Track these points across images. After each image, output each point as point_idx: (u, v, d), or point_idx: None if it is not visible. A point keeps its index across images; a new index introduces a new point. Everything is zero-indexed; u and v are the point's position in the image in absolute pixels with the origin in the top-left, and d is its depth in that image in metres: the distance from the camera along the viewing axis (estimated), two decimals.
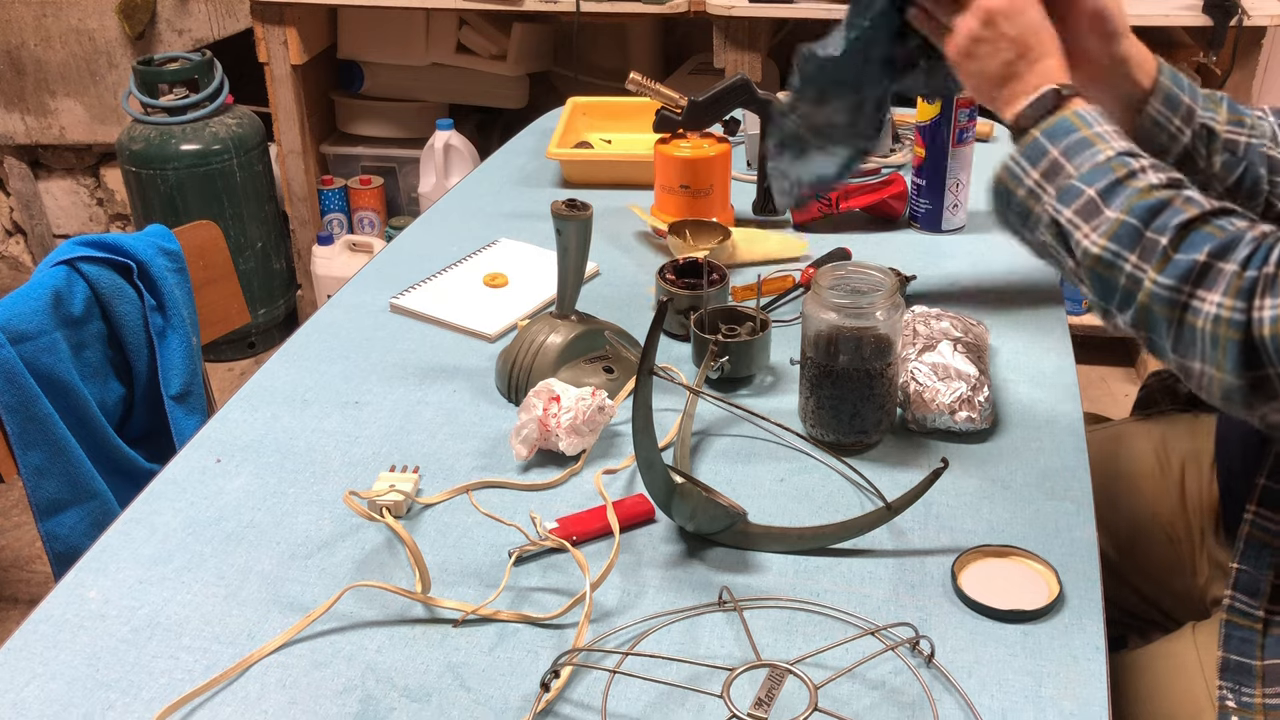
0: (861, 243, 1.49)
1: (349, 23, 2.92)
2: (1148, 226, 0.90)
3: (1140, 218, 0.90)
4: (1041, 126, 0.99)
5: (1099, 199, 0.93)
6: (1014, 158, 1.00)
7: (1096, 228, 0.93)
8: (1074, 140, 0.96)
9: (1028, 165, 0.99)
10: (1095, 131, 0.96)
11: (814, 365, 1.08)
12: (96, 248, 1.40)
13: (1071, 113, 0.98)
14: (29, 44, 3.07)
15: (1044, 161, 0.97)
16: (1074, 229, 0.94)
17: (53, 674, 0.85)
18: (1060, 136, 0.97)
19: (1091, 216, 0.93)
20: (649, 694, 0.83)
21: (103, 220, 3.43)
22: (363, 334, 1.31)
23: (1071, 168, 0.96)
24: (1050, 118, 0.99)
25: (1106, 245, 0.92)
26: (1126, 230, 0.91)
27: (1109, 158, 0.94)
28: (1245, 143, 1.15)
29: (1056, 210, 0.95)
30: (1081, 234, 0.93)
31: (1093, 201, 0.93)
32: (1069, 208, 0.95)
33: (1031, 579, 0.93)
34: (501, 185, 1.72)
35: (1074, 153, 0.96)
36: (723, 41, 2.48)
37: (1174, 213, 0.89)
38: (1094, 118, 0.98)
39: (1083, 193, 0.94)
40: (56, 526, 1.32)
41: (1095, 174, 0.94)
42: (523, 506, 1.03)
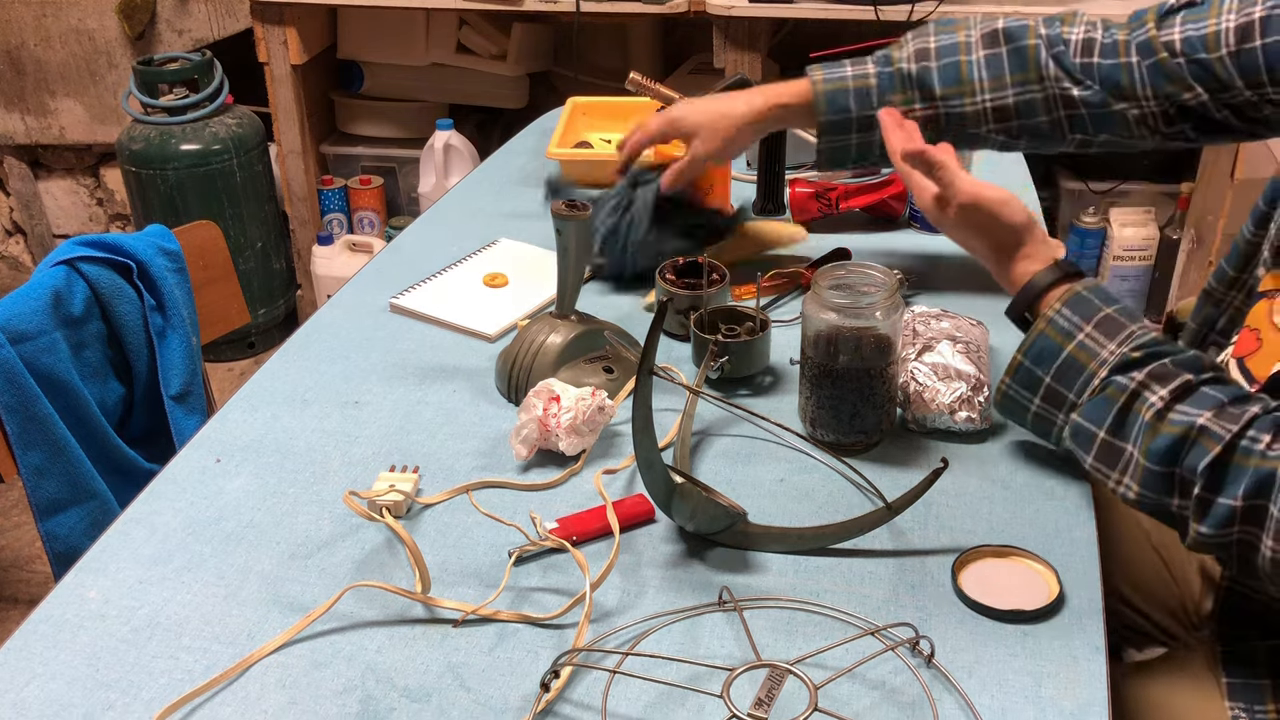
0: (861, 243, 1.49)
1: (349, 23, 2.92)
2: (1176, 466, 0.88)
3: (1161, 461, 0.89)
4: (1022, 348, 0.99)
5: (1113, 440, 0.93)
6: (1009, 384, 1.01)
7: (1125, 472, 0.92)
8: (1062, 363, 0.97)
9: (1025, 391, 1.00)
10: (1079, 342, 0.96)
11: (814, 365, 1.08)
12: (96, 248, 1.39)
13: (1048, 324, 0.98)
14: (29, 44, 3.07)
15: (1041, 389, 0.99)
16: (1104, 478, 0.94)
17: (53, 674, 0.85)
18: (1047, 360, 0.98)
19: (1114, 463, 0.93)
20: (649, 694, 0.83)
21: (103, 220, 3.43)
22: (363, 334, 1.31)
23: (1072, 395, 0.97)
24: (1026, 338, 0.99)
25: (1143, 493, 0.91)
26: (1154, 477, 0.90)
27: (1103, 380, 0.94)
28: (992, 107, 1.21)
29: (1076, 452, 0.96)
30: (1113, 483, 0.93)
31: (1108, 445, 0.93)
32: (1089, 454, 0.95)
33: (1031, 579, 0.93)
34: (501, 185, 1.72)
35: (1066, 378, 0.97)
36: (723, 41, 2.48)
37: (1197, 453, 0.87)
38: (1070, 319, 0.97)
39: (1094, 436, 0.94)
40: (56, 526, 1.32)
41: (1098, 408, 0.94)
42: (523, 506, 1.03)
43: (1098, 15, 1.21)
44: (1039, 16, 1.22)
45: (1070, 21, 1.20)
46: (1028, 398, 1.00)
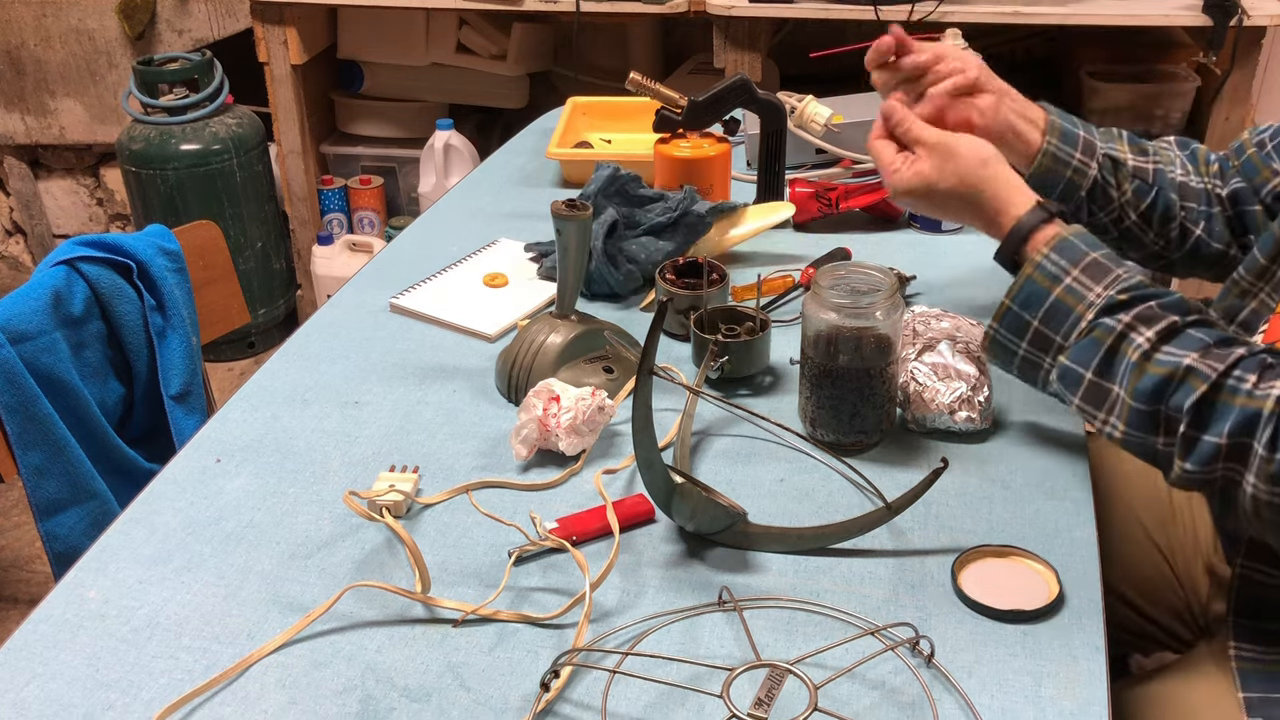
0: (861, 243, 1.49)
1: (349, 23, 2.92)
2: (1161, 404, 0.90)
3: (1148, 400, 0.90)
4: (1010, 293, 0.99)
5: (1100, 380, 0.94)
6: (996, 329, 1.01)
7: (1110, 412, 0.93)
8: (1049, 307, 0.97)
9: (1014, 337, 1.00)
10: (1066, 286, 0.96)
11: (814, 365, 1.08)
12: (96, 248, 1.39)
13: (1035, 269, 0.98)
14: (29, 44, 3.07)
15: (1029, 333, 0.99)
16: (1090, 418, 0.96)
17: (53, 674, 0.85)
18: (1034, 304, 0.98)
19: (1100, 403, 0.94)
20: (649, 694, 0.83)
21: (102, 220, 3.43)
22: (363, 334, 1.31)
23: (1059, 338, 0.97)
24: (1014, 283, 0.99)
25: (1129, 432, 0.92)
26: (1140, 415, 0.91)
27: (1090, 323, 0.94)
28: (1153, 169, 1.20)
29: (1061, 393, 0.97)
30: (1099, 422, 0.94)
31: (1095, 386, 0.94)
32: (1075, 395, 0.96)
33: (1031, 579, 0.93)
34: (501, 185, 1.72)
35: (1054, 321, 0.97)
36: (723, 41, 2.48)
37: (1184, 392, 0.88)
38: (1057, 263, 0.97)
39: (1081, 378, 0.95)
40: (56, 526, 1.32)
41: (1085, 350, 0.95)
42: (523, 506, 1.03)
43: None
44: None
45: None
46: (1015, 342, 1.00)
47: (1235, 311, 1.14)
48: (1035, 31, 2.90)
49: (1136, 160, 1.20)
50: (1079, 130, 1.18)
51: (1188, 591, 1.23)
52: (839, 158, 1.71)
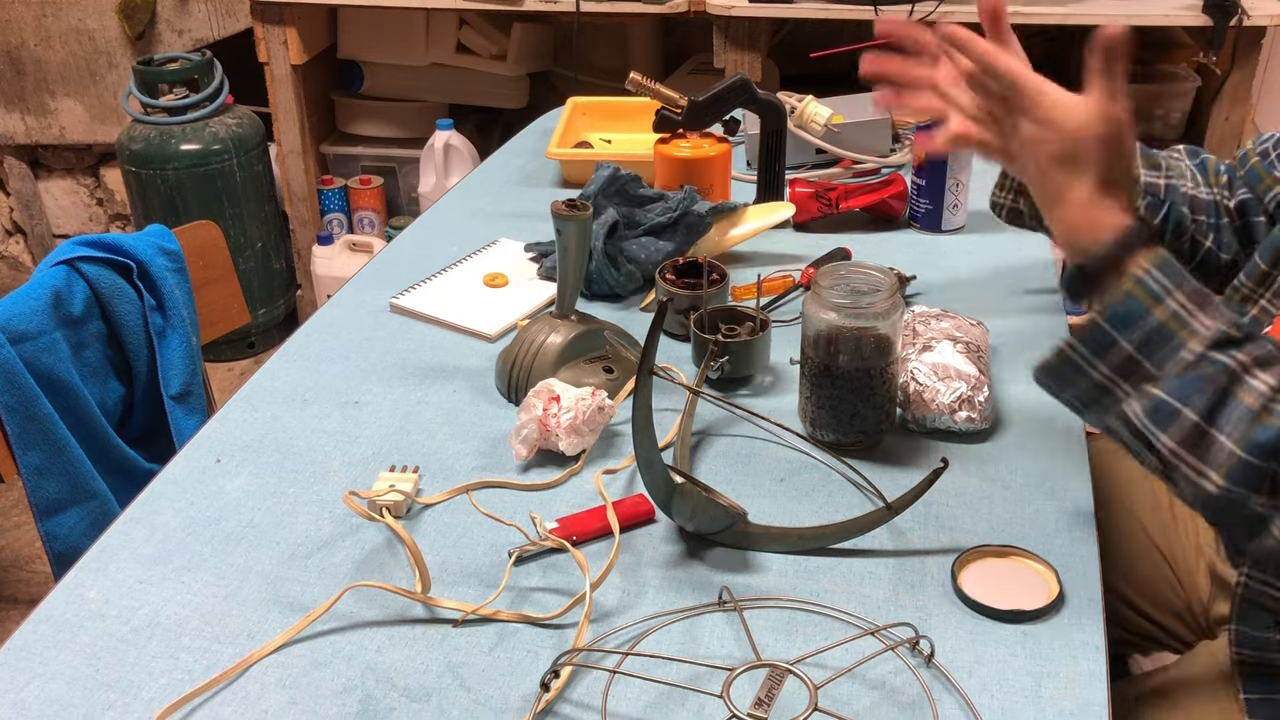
0: (861, 243, 1.49)
1: (349, 23, 2.92)
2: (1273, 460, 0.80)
3: (1261, 455, 0.80)
4: (1102, 308, 0.86)
5: (1204, 424, 0.82)
6: (1076, 348, 0.87)
7: (1209, 461, 0.82)
8: (1150, 329, 0.84)
9: (1094, 358, 0.86)
10: (1171, 310, 0.84)
11: (814, 365, 1.08)
12: (96, 248, 1.39)
13: (1136, 284, 0.85)
14: (29, 44, 3.07)
15: (1113, 354, 0.85)
16: (1180, 463, 0.83)
17: (53, 674, 0.85)
18: (1131, 324, 0.84)
19: (1199, 449, 0.82)
20: (649, 694, 0.83)
21: (102, 220, 3.43)
22: (363, 334, 1.31)
23: (1151, 366, 0.84)
24: (1111, 294, 0.86)
25: (1227, 487, 0.81)
26: (1247, 470, 0.80)
27: (1198, 356, 0.82)
28: (1164, 184, 1.18)
29: (1148, 429, 0.84)
30: (1190, 469, 0.82)
31: (1198, 430, 0.82)
32: (1167, 434, 0.83)
33: (1031, 579, 0.93)
34: (501, 185, 1.72)
35: (1150, 346, 0.84)
36: (723, 41, 2.48)
37: None
38: (1160, 282, 0.85)
39: (1178, 415, 0.82)
40: (56, 526, 1.32)
41: (1189, 386, 0.82)
42: (523, 506, 1.03)
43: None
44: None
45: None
46: (1092, 363, 0.86)
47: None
48: (1035, 31, 2.90)
49: (1149, 176, 1.17)
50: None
51: (1188, 592, 1.23)
52: (839, 158, 1.71)
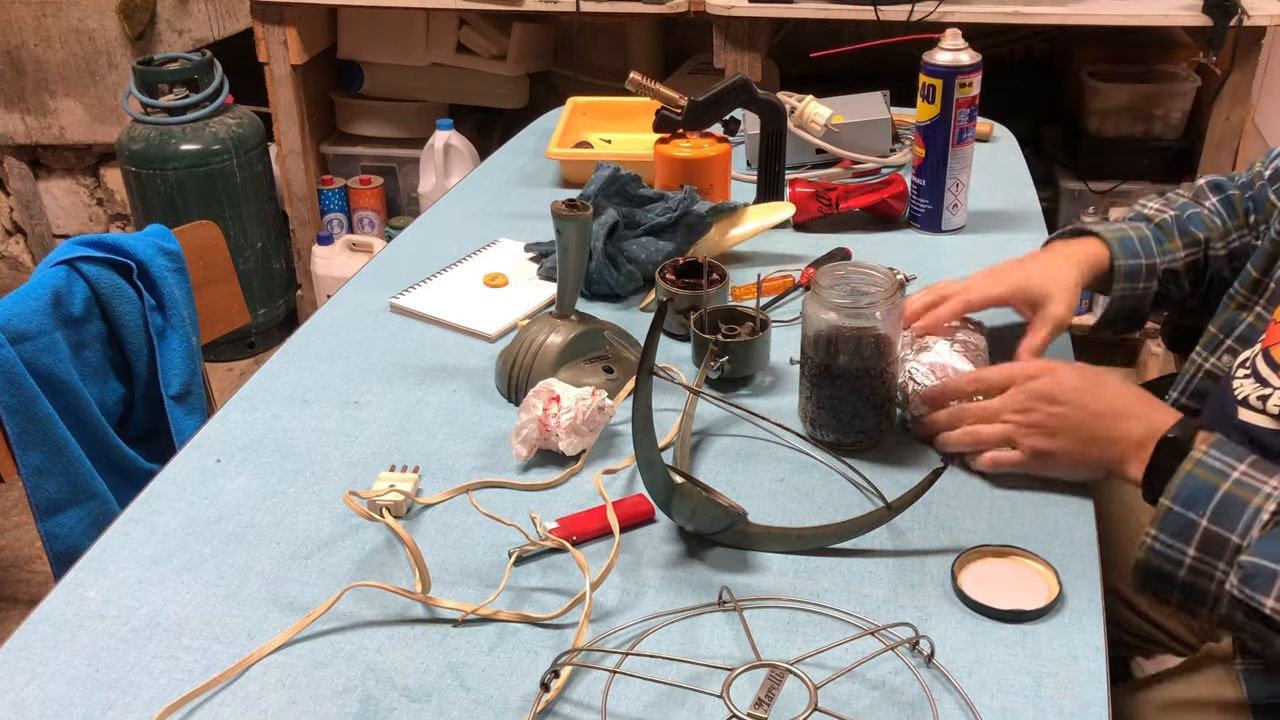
0: (861, 243, 1.49)
1: (349, 23, 2.92)
2: None
3: None
4: (1169, 493, 0.89)
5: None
6: (1155, 536, 0.89)
7: None
8: (1219, 501, 0.86)
9: (1177, 542, 0.88)
10: (1235, 480, 0.87)
11: (814, 365, 1.08)
12: (96, 248, 1.39)
13: (1195, 465, 0.88)
14: (29, 44, 3.07)
15: (1195, 535, 0.87)
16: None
17: (53, 674, 0.85)
18: (1200, 501, 0.87)
19: None
20: (649, 694, 0.83)
21: (102, 220, 3.43)
22: (363, 334, 1.31)
23: (1236, 537, 0.86)
24: (1173, 479, 0.89)
25: None
26: None
27: (1274, 513, 0.85)
28: (1205, 256, 1.22)
29: (1249, 598, 0.85)
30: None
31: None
32: (1268, 595, 0.83)
33: (1031, 579, 0.93)
34: (501, 185, 1.72)
35: (1227, 517, 0.86)
36: (723, 41, 2.48)
37: None
38: (1220, 459, 0.88)
39: (1274, 575, 0.83)
40: (56, 526, 1.32)
41: (1273, 543, 0.84)
42: (523, 506, 1.03)
43: None
44: (1232, 174, 1.28)
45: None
46: (1179, 550, 0.88)
47: (1233, 325, 1.14)
48: (1035, 31, 2.90)
49: (1189, 254, 1.22)
50: (1140, 259, 1.20)
51: None
52: (839, 158, 1.71)
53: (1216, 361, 1.15)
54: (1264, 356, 1.04)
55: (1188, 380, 1.20)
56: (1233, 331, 1.14)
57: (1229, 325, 1.14)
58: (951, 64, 1.43)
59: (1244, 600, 0.85)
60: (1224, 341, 1.14)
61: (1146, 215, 1.26)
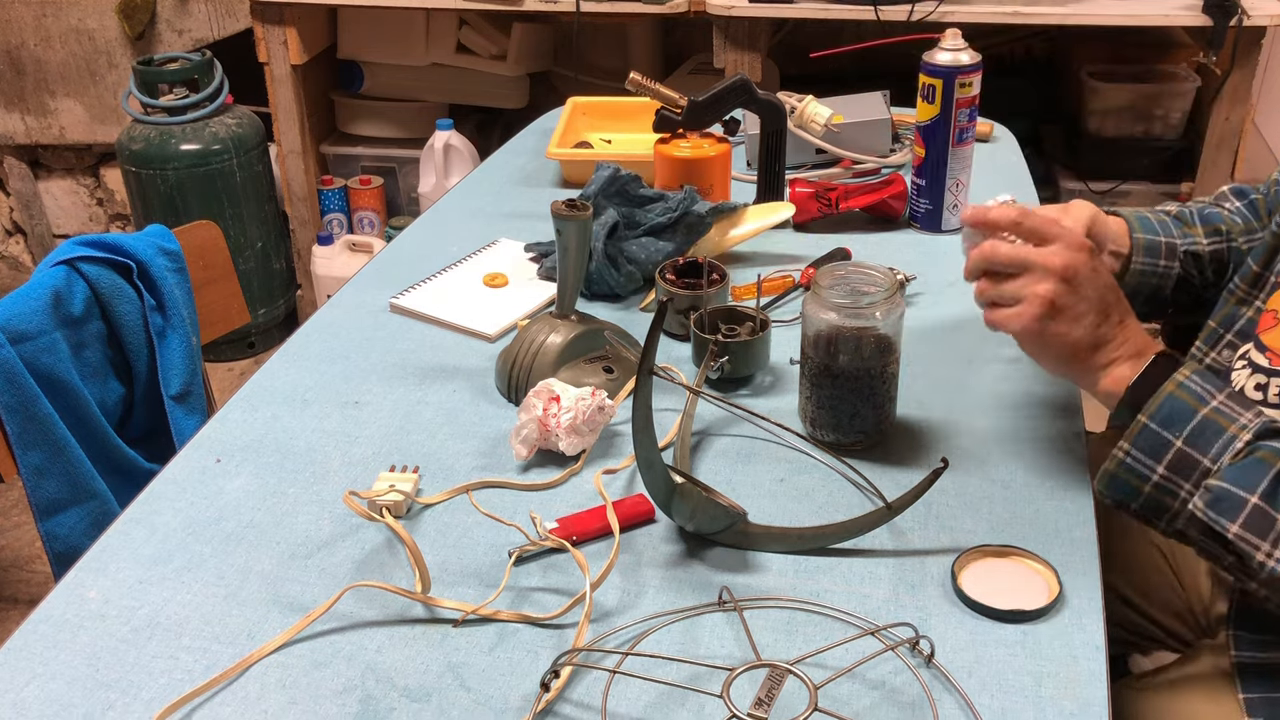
0: (861, 243, 1.49)
1: (349, 23, 2.93)
2: None
3: None
4: (1148, 410, 0.89)
5: (1267, 506, 0.84)
6: (1127, 451, 0.90)
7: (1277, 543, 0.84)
8: (1196, 425, 0.87)
9: (1147, 458, 0.89)
10: (1214, 407, 0.88)
11: (814, 365, 1.08)
12: (96, 248, 1.40)
13: (1177, 386, 0.89)
14: (29, 44, 3.07)
15: (1168, 454, 0.88)
16: (1251, 549, 0.85)
17: (53, 674, 0.85)
18: (1177, 422, 0.88)
19: (1266, 531, 0.84)
20: (649, 694, 0.83)
21: (102, 220, 3.43)
22: (363, 334, 1.31)
23: (1208, 460, 0.87)
24: (1154, 398, 0.89)
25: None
26: None
27: (1248, 444, 0.86)
28: (1227, 247, 1.23)
29: (1212, 519, 0.86)
30: (1262, 554, 0.84)
31: (1260, 511, 0.84)
32: (1233, 522, 0.85)
33: (1031, 579, 0.93)
34: (501, 185, 1.72)
35: (1202, 440, 0.87)
36: (723, 41, 2.48)
37: None
38: (1202, 386, 0.89)
39: (1244, 502, 0.84)
40: (56, 526, 1.32)
41: (1245, 472, 0.85)
42: (523, 506, 1.03)
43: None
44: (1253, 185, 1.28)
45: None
46: (1149, 466, 0.89)
47: (1232, 320, 1.14)
48: (1035, 31, 2.90)
49: (1212, 244, 1.22)
50: (1160, 237, 1.20)
51: (1188, 592, 1.23)
52: (839, 158, 1.71)
53: (1216, 356, 1.15)
54: (1255, 343, 1.04)
55: None
56: (1232, 326, 1.14)
57: (1228, 320, 1.14)
58: (951, 64, 1.43)
59: (1208, 523, 0.86)
60: (1224, 336, 1.14)
61: (1166, 210, 1.27)
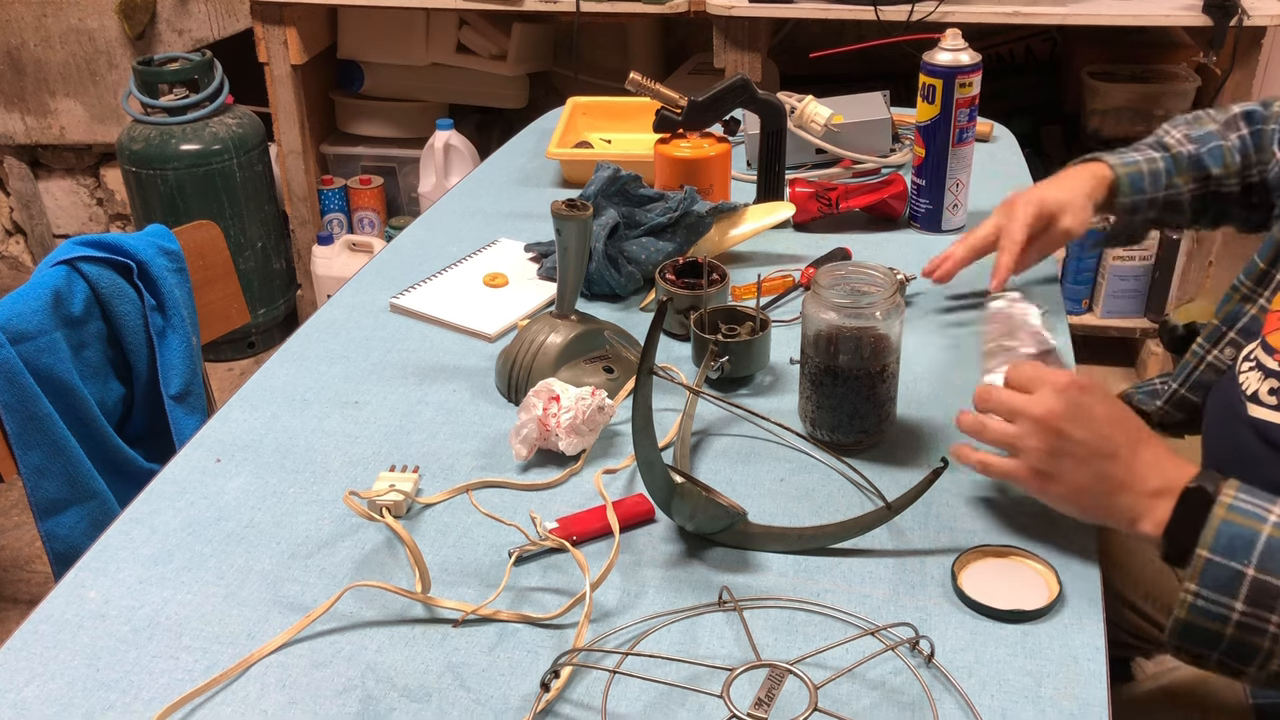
0: (861, 243, 1.49)
1: (349, 23, 2.92)
2: None
3: None
4: (1205, 543, 0.81)
5: None
6: (1197, 592, 0.81)
7: None
8: (1264, 548, 0.79)
9: (1222, 596, 0.81)
10: (1275, 523, 0.80)
11: (814, 365, 1.08)
12: (96, 247, 1.39)
13: (1227, 510, 0.82)
14: (29, 44, 3.07)
15: (1242, 586, 0.80)
16: None
17: (53, 674, 0.85)
18: (1242, 549, 0.80)
19: None
20: (649, 694, 0.83)
21: (103, 220, 3.43)
22: (363, 334, 1.31)
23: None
24: (1206, 529, 0.82)
25: None
26: None
27: None
28: (1209, 191, 1.26)
29: None
30: None
31: None
32: None
33: (1031, 579, 0.93)
34: (501, 185, 1.72)
35: (1275, 563, 0.79)
36: (723, 41, 2.48)
37: None
38: (1254, 504, 0.82)
39: None
40: (56, 526, 1.32)
41: None
42: (523, 506, 1.03)
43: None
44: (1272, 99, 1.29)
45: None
46: (1226, 605, 0.80)
47: (1236, 318, 1.14)
48: (1035, 31, 2.90)
49: (1194, 189, 1.26)
50: (1145, 194, 1.24)
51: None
52: (839, 158, 1.71)
53: (1219, 354, 1.14)
54: (1262, 345, 1.04)
55: (1189, 372, 1.20)
56: (1236, 324, 1.13)
57: (1232, 318, 1.14)
58: (951, 64, 1.43)
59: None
60: (1226, 334, 1.14)
61: (1166, 145, 1.28)
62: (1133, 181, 1.25)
